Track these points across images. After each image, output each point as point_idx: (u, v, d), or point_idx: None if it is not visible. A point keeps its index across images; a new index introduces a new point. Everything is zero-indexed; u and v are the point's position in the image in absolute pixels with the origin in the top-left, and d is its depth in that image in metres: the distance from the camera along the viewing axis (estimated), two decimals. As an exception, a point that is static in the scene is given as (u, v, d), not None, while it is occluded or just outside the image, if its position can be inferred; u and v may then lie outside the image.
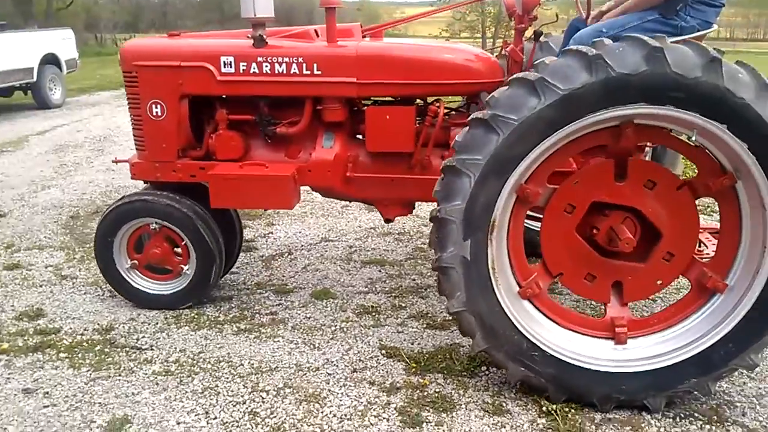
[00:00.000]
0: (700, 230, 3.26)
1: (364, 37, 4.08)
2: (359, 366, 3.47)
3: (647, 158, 3.74)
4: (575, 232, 3.12)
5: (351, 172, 3.82)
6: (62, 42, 14.08)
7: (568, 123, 2.78)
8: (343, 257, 5.09)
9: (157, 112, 3.87)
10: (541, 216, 3.16)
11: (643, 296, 3.49)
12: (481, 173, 2.84)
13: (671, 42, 2.77)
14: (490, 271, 3.02)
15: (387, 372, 3.41)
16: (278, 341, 3.74)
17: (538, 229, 3.20)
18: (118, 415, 3.05)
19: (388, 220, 4.12)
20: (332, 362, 3.51)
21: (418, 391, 3.22)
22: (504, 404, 3.12)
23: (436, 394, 3.19)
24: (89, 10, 44.34)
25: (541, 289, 3.17)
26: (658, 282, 3.18)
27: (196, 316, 4.04)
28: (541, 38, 3.95)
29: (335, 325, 3.93)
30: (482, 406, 3.10)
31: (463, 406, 3.11)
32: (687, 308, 3.15)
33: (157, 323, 3.95)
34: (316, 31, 3.94)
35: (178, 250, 4.06)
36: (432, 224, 3.02)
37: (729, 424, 2.99)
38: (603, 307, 3.28)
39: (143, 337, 3.79)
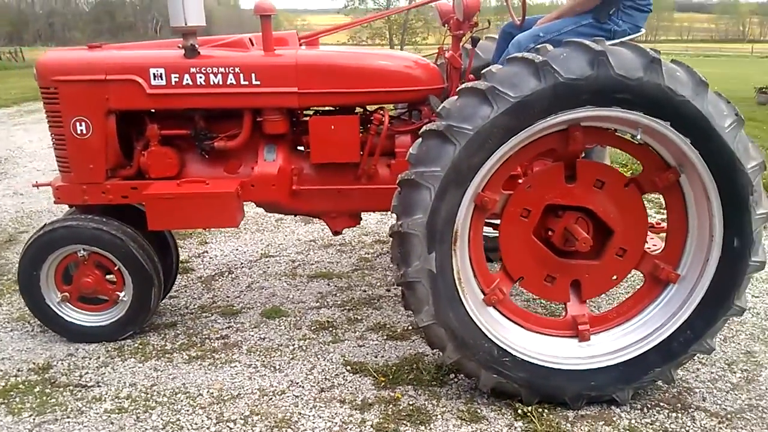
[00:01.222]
0: None
1: (300, 45, 4.00)
2: (326, 385, 3.37)
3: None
4: (532, 236, 3.17)
5: (296, 185, 3.72)
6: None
7: (521, 129, 2.82)
8: (287, 273, 4.96)
9: (81, 130, 3.61)
10: (495, 222, 3.19)
11: (601, 292, 3.60)
12: (440, 185, 2.83)
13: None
14: (456, 281, 3.02)
15: (356, 388, 3.33)
16: (235, 366, 3.57)
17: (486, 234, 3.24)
18: (74, 462, 2.81)
19: (336, 233, 4.03)
20: (297, 383, 3.39)
21: (391, 406, 3.16)
22: (479, 410, 3.12)
23: (410, 407, 3.14)
24: (-36, 21, 41.35)
25: (505, 295, 3.20)
26: (614, 277, 3.28)
27: (140, 347, 3.79)
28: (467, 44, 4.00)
29: (293, 344, 3.81)
30: (458, 415, 3.08)
31: (439, 416, 3.08)
32: (643, 300, 3.27)
33: (99, 357, 3.68)
34: (251, 39, 3.81)
35: (110, 276, 3.81)
36: (392, 239, 2.98)
37: (693, 410, 3.12)
38: (552, 305, 3.34)
39: (86, 373, 3.51)
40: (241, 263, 5.19)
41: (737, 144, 2.82)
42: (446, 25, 3.94)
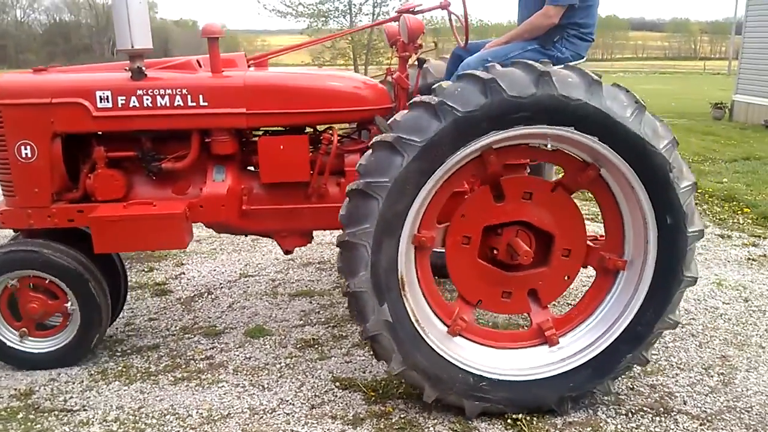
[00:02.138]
0: None
1: (249, 66, 4.03)
2: (316, 402, 3.38)
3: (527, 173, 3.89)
4: (478, 259, 3.25)
5: (246, 205, 3.73)
6: None
7: (433, 171, 2.92)
8: (268, 292, 4.95)
9: (26, 154, 3.55)
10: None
11: (558, 294, 3.60)
12: (374, 239, 2.93)
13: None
14: (415, 323, 3.10)
15: (347, 404, 3.35)
16: (223, 386, 3.56)
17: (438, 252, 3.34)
18: (65, 489, 2.76)
19: (287, 252, 4.04)
20: (287, 401, 3.39)
21: (383, 420, 3.19)
22: (470, 422, 3.16)
23: (403, 421, 3.17)
24: None
25: (467, 321, 3.26)
26: (566, 277, 3.36)
27: (123, 370, 3.75)
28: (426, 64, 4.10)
29: (280, 363, 3.81)
30: (450, 427, 3.13)
31: (431, 428, 3.12)
32: (600, 293, 3.35)
33: (82, 381, 3.62)
34: (198, 61, 3.84)
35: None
36: (347, 299, 3.07)
37: (675, 413, 3.23)
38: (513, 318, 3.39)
39: (71, 397, 3.46)
40: (220, 284, 5.16)
41: (644, 129, 2.90)
42: (393, 47, 4.03)
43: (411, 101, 2.97)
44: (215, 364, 3.81)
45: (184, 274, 5.42)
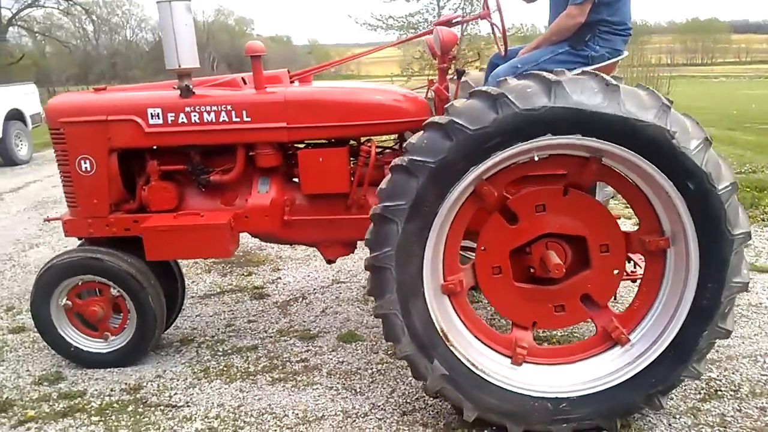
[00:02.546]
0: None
1: (292, 82, 4.12)
2: (408, 408, 3.41)
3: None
4: (516, 283, 3.17)
5: (289, 216, 3.81)
6: (26, 97, 13.79)
7: (428, 229, 2.90)
8: (359, 298, 5.05)
9: (86, 168, 3.81)
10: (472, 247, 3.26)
11: (613, 291, 3.38)
12: (401, 306, 2.97)
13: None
14: (472, 368, 3.08)
15: (438, 413, 3.36)
16: (317, 388, 3.66)
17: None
18: (171, 479, 2.92)
19: (330, 261, 4.10)
20: (379, 406, 3.44)
21: (475, 430, 3.18)
22: None
23: (495, 431, 3.15)
24: (37, 64, 43.72)
25: (529, 346, 3.19)
26: (615, 272, 3.20)
27: (225, 369, 3.93)
28: (465, 75, 4.00)
29: (371, 368, 3.88)
30: (543, 439, 3.08)
31: (524, 440, 3.08)
32: (655, 278, 3.16)
33: (186, 378, 3.82)
34: (243, 78, 3.98)
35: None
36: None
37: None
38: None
39: (176, 393, 3.66)
40: (314, 289, 5.31)
41: (625, 107, 2.71)
42: (435, 58, 3.98)
43: (390, 166, 2.96)
44: (310, 367, 3.92)
45: (280, 278, 5.60)
